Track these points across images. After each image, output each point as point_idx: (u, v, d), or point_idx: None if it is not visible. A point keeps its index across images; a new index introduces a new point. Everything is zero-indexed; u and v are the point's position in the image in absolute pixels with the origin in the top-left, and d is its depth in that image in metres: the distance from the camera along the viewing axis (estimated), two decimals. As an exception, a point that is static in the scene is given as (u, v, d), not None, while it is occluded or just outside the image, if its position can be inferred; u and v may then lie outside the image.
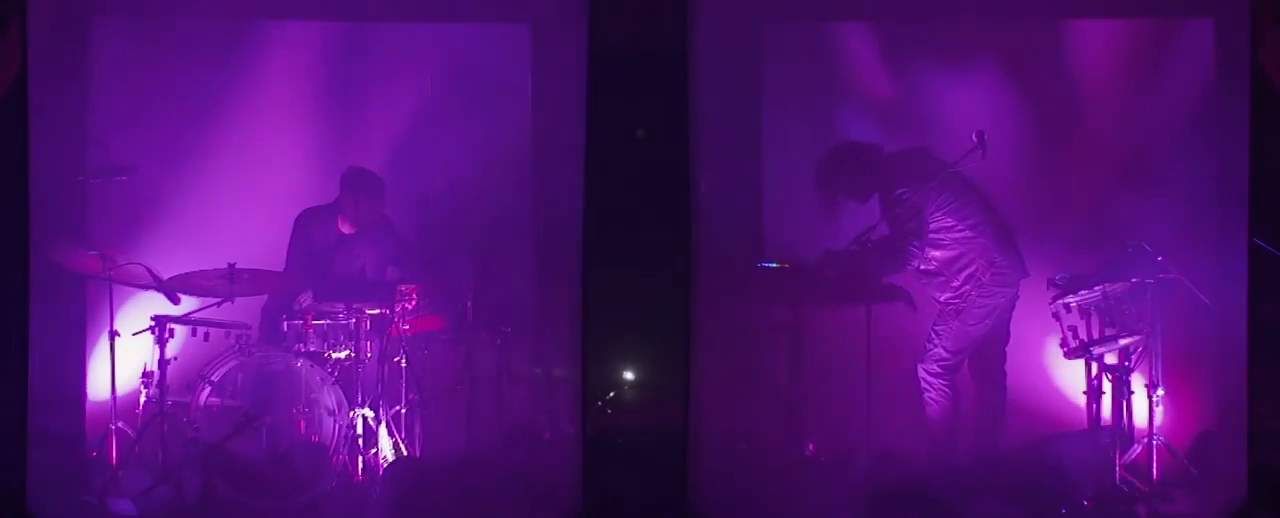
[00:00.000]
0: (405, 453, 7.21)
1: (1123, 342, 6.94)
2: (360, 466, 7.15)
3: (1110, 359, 7.01)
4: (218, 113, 7.86)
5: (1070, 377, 7.45)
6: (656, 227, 7.64)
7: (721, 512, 6.89)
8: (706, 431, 7.00)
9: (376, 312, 7.27)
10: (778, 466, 7.46)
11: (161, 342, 7.04)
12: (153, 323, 7.09)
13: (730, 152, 7.64)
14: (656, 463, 7.35)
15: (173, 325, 7.10)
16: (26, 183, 6.79)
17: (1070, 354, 7.08)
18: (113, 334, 7.14)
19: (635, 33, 7.87)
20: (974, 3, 7.71)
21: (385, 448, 7.21)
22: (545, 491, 7.04)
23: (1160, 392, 6.99)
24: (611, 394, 8.47)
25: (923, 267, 7.30)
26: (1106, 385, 7.08)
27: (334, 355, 7.21)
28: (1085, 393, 7.20)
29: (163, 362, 7.03)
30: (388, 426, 7.22)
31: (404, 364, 7.28)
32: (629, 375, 8.54)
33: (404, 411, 7.29)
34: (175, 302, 7.25)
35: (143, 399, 7.19)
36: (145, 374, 7.14)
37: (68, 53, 7.52)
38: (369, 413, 7.17)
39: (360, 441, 7.13)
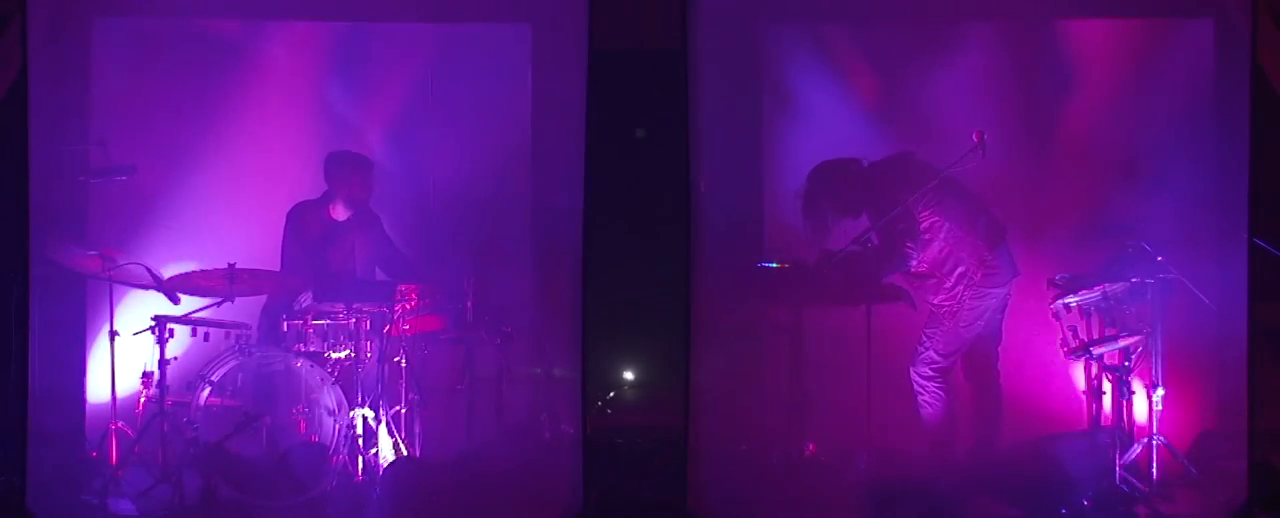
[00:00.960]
0: (405, 453, 7.21)
1: (1122, 342, 6.94)
2: (360, 466, 7.14)
3: (1110, 359, 7.02)
4: (217, 113, 7.87)
5: (1072, 376, 7.46)
6: (656, 227, 7.67)
7: (721, 512, 6.89)
8: (706, 431, 7.00)
9: (377, 311, 7.28)
10: (778, 466, 7.47)
11: (161, 342, 7.04)
12: (153, 323, 7.09)
13: (730, 152, 7.64)
14: (656, 463, 7.38)
15: (173, 325, 7.10)
16: (26, 183, 6.80)
17: (1070, 354, 7.08)
18: (113, 334, 7.13)
19: (635, 33, 7.89)
20: (973, 3, 7.72)
21: (385, 448, 7.21)
22: (545, 491, 7.04)
23: (1160, 392, 6.99)
24: (611, 394, 8.51)
25: (915, 268, 7.30)
26: (1106, 386, 7.09)
27: (334, 356, 7.21)
28: (1085, 393, 7.22)
29: (163, 362, 7.03)
30: (388, 426, 7.21)
31: (404, 364, 7.28)
32: (629, 375, 8.58)
33: (404, 411, 7.29)
34: (175, 302, 7.25)
35: (143, 399, 7.19)
36: (145, 374, 7.14)
37: (68, 53, 7.53)
38: (369, 413, 7.16)
39: (360, 441, 7.13)
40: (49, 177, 7.13)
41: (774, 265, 7.58)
